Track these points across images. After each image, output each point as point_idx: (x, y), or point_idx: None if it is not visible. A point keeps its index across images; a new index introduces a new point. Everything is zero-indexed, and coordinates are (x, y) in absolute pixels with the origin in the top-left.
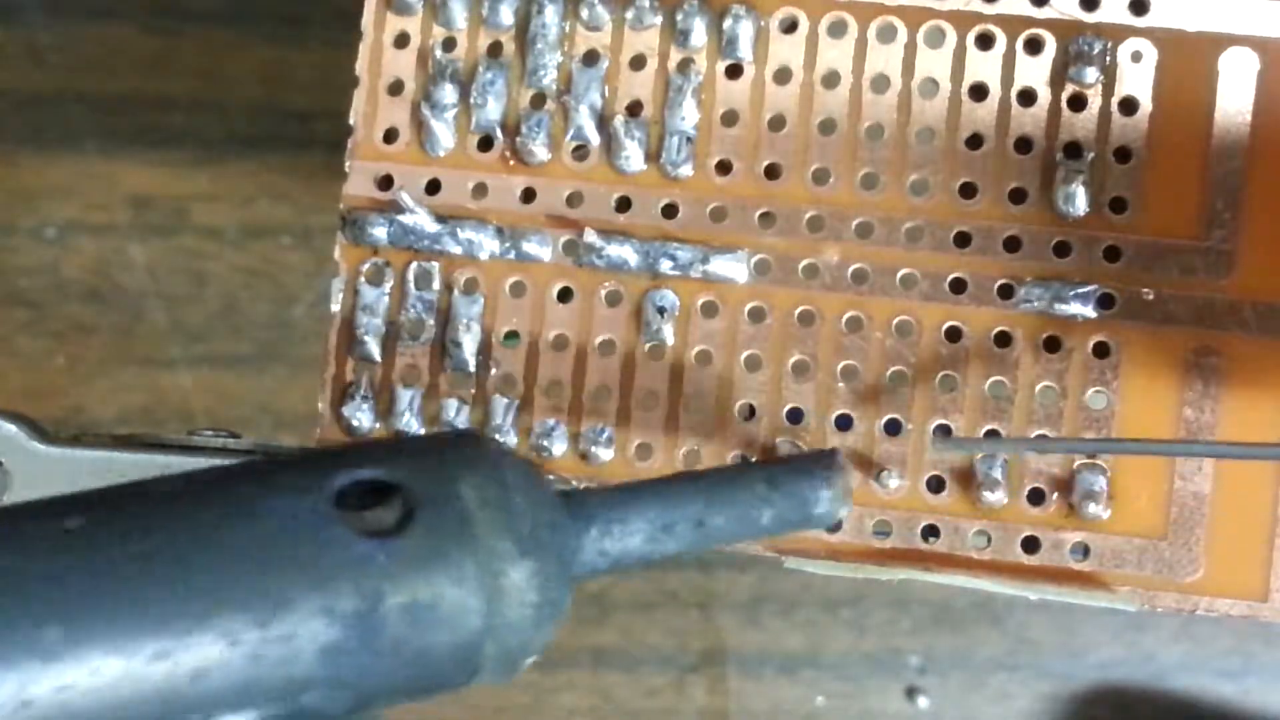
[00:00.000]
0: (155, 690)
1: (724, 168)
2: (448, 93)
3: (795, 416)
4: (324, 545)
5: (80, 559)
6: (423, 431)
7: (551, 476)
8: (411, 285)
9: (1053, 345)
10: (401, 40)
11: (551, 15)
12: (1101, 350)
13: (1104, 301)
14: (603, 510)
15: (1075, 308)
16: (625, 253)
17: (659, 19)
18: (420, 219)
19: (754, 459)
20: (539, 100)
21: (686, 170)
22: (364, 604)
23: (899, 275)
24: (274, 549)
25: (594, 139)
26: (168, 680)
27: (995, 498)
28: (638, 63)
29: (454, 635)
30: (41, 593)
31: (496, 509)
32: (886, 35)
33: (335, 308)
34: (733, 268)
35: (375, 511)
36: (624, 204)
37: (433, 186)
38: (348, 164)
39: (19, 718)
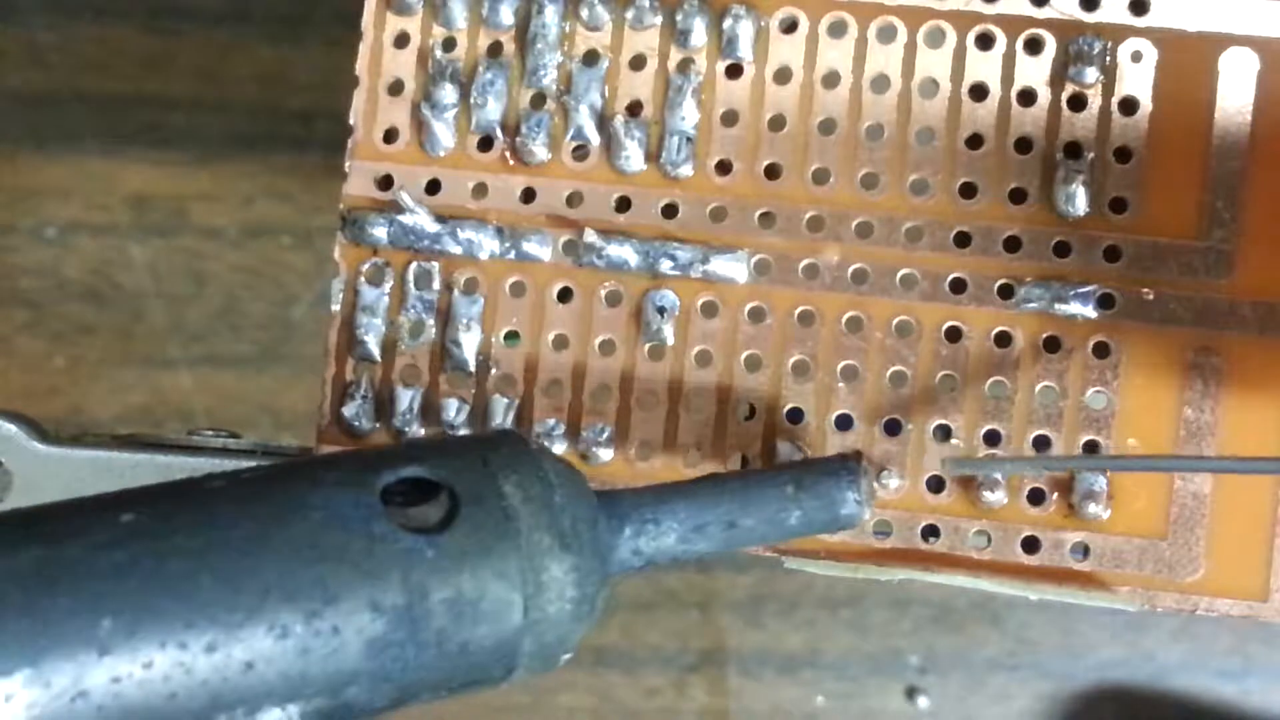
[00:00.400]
0: (206, 682)
1: (724, 168)
2: (448, 93)
3: (795, 416)
4: (372, 540)
5: (135, 553)
6: (422, 432)
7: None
8: (411, 285)
9: (1053, 345)
10: (401, 40)
11: (551, 15)
12: (1101, 350)
13: (1104, 301)
14: (637, 510)
15: (1075, 308)
16: (625, 253)
17: (659, 19)
18: (420, 219)
19: (753, 458)
20: (539, 100)
21: (686, 170)
22: (410, 598)
23: (899, 275)
24: (323, 544)
25: (594, 139)
26: (218, 672)
27: (995, 498)
28: (638, 63)
29: (496, 629)
30: (97, 586)
31: (538, 506)
32: (886, 35)
33: (335, 308)
34: (733, 268)
35: (420, 508)
36: (624, 204)
37: (433, 186)
38: (348, 164)
39: (75, 708)
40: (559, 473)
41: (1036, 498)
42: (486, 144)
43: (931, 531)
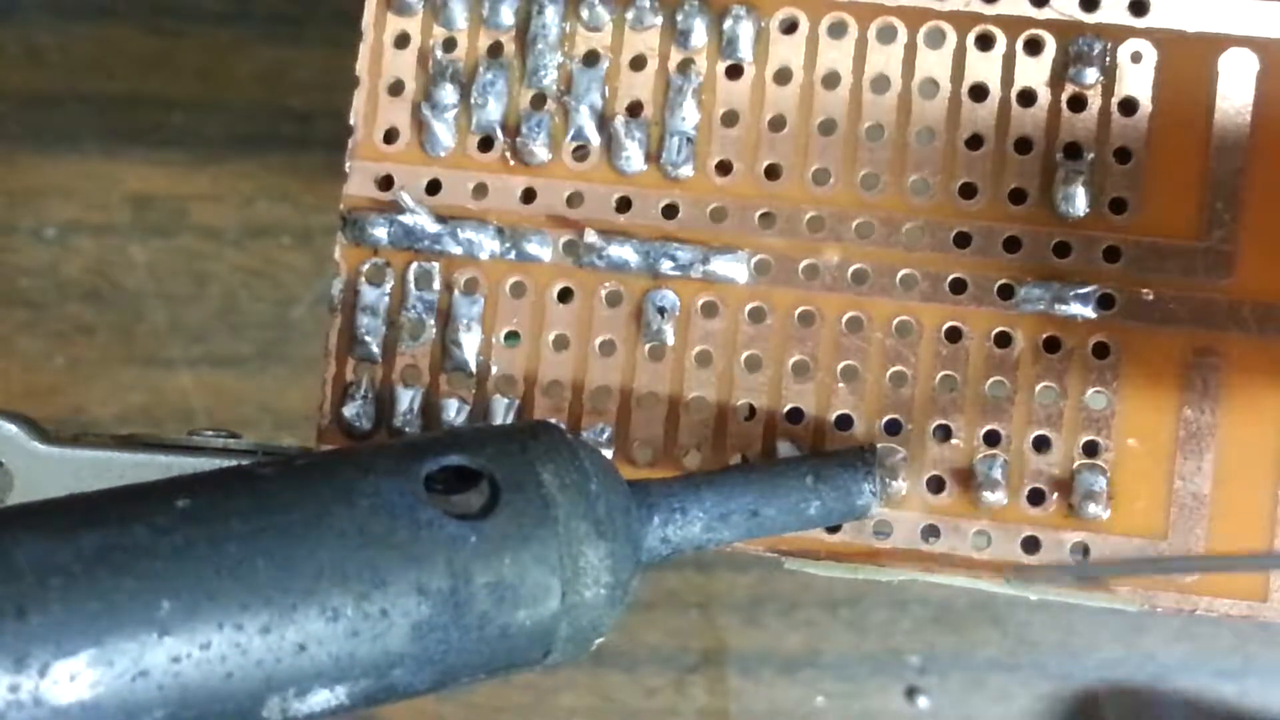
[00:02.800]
0: (261, 662)
1: (724, 168)
2: (448, 93)
3: (795, 416)
4: (418, 526)
5: (192, 538)
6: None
7: None
8: (411, 285)
9: (1053, 345)
10: (401, 40)
11: (551, 15)
12: (1101, 350)
13: (1104, 301)
14: (665, 499)
15: (1075, 308)
16: (625, 253)
17: (659, 19)
18: (420, 219)
19: (754, 459)
20: (539, 100)
21: (686, 170)
22: (454, 582)
23: (899, 275)
24: (371, 530)
25: (594, 139)
26: (272, 653)
27: (995, 498)
28: (638, 63)
29: (535, 613)
30: (157, 569)
31: (575, 494)
32: (886, 35)
33: (335, 308)
34: (733, 268)
35: (463, 495)
36: (624, 204)
37: (433, 186)
38: (348, 164)
39: (136, 687)
40: (594, 462)
41: (1036, 498)
42: (487, 144)
43: (931, 531)
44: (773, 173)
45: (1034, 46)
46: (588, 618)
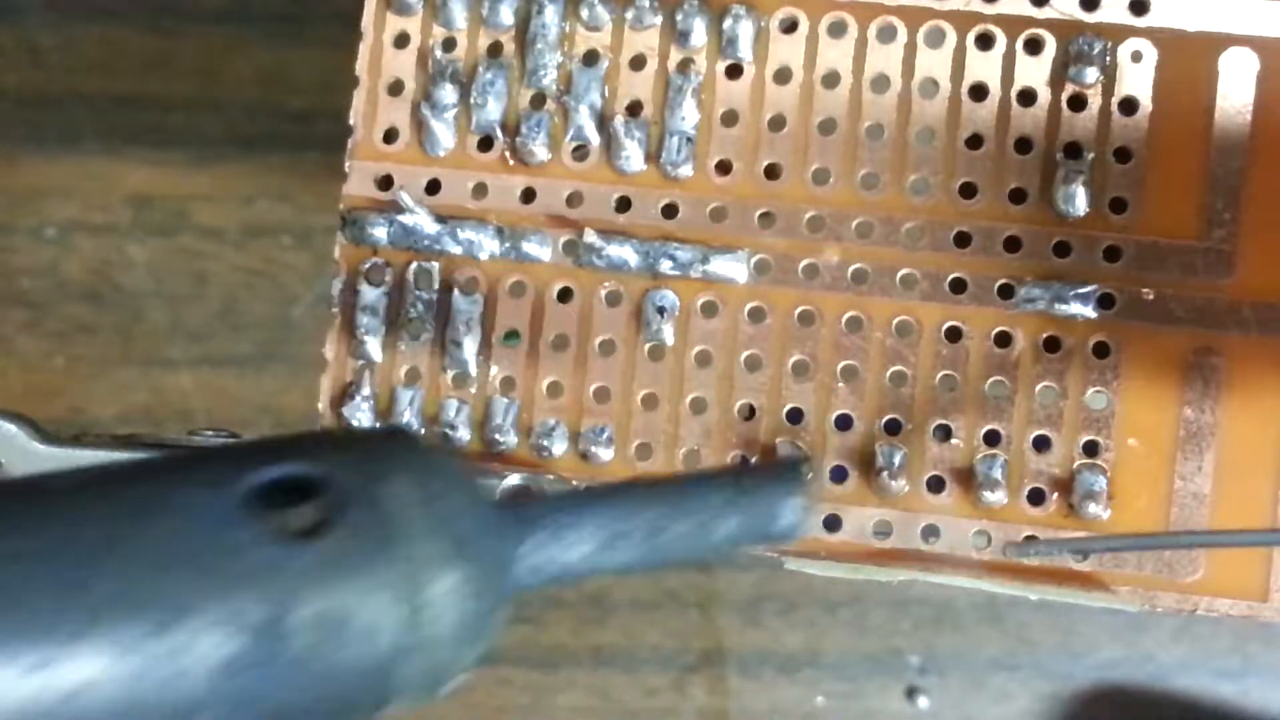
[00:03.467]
0: (27, 706)
1: (724, 168)
2: (448, 93)
3: (795, 416)
4: (230, 547)
5: None
6: (422, 433)
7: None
8: (411, 285)
9: (1053, 345)
10: (401, 40)
11: (551, 15)
12: (1101, 350)
13: (1104, 301)
14: (543, 519)
15: (1075, 308)
16: (625, 253)
17: (659, 19)
18: (420, 219)
19: (754, 458)
20: (539, 100)
21: (686, 170)
22: (269, 614)
23: (899, 275)
24: (174, 550)
25: (594, 139)
26: (46, 693)
27: (995, 498)
28: (638, 63)
29: (368, 650)
30: None
31: (426, 512)
32: (886, 35)
33: (335, 308)
34: (733, 268)
35: (295, 511)
36: (624, 204)
37: (433, 186)
38: (348, 164)
39: None
40: (454, 474)
41: (1036, 498)
42: (486, 144)
43: (931, 531)
44: (773, 172)
45: (1034, 46)
46: (439, 655)
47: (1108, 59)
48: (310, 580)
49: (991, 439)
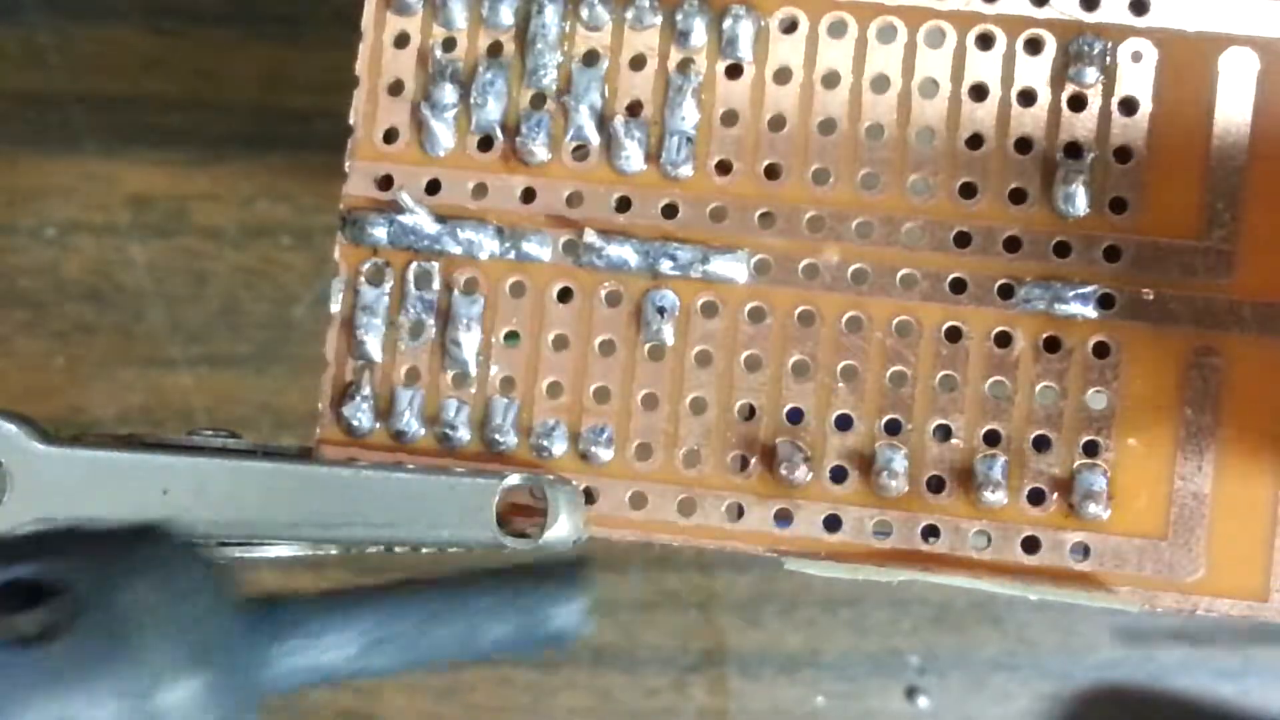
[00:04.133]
0: None
1: (724, 168)
2: (448, 93)
3: (795, 416)
4: None
5: None
6: (422, 433)
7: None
8: (411, 285)
9: (1053, 345)
10: (401, 40)
11: (551, 15)
12: (1101, 350)
13: (1104, 301)
14: (308, 617)
15: (1075, 308)
16: (625, 253)
17: (659, 19)
18: (420, 219)
19: (753, 459)
20: (539, 100)
21: (686, 170)
22: None
23: (899, 275)
24: None
25: (594, 139)
26: None
27: (995, 498)
28: (638, 63)
29: None
30: None
31: (166, 615)
32: (886, 35)
33: (335, 308)
34: (733, 268)
35: (27, 616)
36: (624, 204)
37: (433, 186)
38: (348, 164)
39: None
40: (198, 577)
41: (1036, 498)
42: (486, 144)
43: (931, 531)
44: (773, 172)
45: (1034, 46)
46: None
47: (1108, 59)
48: (37, 687)
49: (991, 439)
